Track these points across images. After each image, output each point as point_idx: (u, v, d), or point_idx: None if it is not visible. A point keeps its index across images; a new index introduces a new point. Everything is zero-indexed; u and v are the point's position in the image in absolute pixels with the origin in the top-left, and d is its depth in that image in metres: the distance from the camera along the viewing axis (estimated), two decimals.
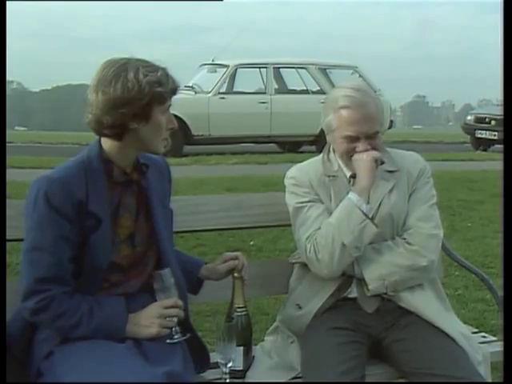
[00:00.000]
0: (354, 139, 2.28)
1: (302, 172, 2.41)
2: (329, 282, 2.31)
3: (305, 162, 2.47)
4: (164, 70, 1.98)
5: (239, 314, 2.20)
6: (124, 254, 2.04)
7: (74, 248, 1.93)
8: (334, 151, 2.42)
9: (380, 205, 2.31)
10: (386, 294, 2.27)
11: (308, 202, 2.35)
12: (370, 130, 2.27)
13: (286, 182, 2.44)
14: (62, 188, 1.91)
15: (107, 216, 1.98)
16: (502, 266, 2.27)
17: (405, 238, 2.30)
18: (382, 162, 2.33)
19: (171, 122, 2.02)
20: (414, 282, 2.29)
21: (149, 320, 1.96)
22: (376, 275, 2.25)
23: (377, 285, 2.25)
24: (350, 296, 2.33)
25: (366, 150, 2.27)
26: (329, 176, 2.37)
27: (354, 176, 2.33)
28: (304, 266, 2.37)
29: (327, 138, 2.40)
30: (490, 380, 2.27)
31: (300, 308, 2.35)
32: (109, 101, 1.90)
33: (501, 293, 2.37)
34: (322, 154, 2.45)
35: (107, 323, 1.92)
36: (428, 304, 2.29)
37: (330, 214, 2.30)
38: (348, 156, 2.32)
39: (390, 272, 2.25)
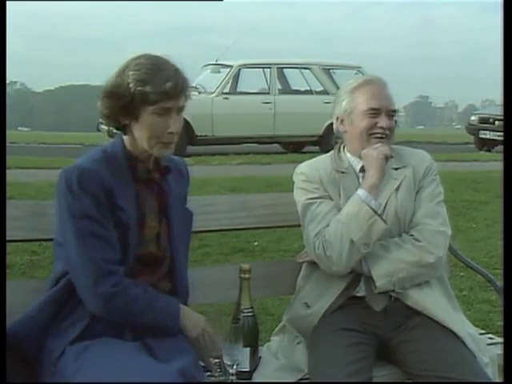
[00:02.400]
0: (375, 113, 2.30)
1: (311, 168, 2.40)
2: (337, 281, 2.30)
3: (314, 159, 2.47)
4: (158, 69, 1.89)
5: (246, 314, 2.19)
6: (151, 251, 2.02)
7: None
8: (344, 148, 2.42)
9: (387, 203, 2.30)
10: (393, 291, 2.26)
11: (318, 198, 2.33)
12: (390, 105, 2.31)
13: (296, 178, 2.42)
14: (95, 178, 1.89)
15: (134, 213, 1.95)
16: (502, 265, 2.26)
17: (412, 235, 2.29)
18: (391, 156, 2.34)
19: (173, 126, 1.93)
20: (421, 278, 2.28)
21: (196, 322, 2.02)
22: (383, 272, 2.24)
23: (384, 282, 2.24)
24: (358, 295, 2.32)
25: (384, 130, 2.29)
26: (338, 172, 2.36)
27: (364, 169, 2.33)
28: (312, 263, 2.36)
29: (340, 128, 2.39)
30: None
31: (308, 307, 2.33)
32: (104, 89, 1.92)
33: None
34: (332, 151, 2.45)
35: (164, 310, 1.96)
36: (436, 303, 2.28)
37: (339, 210, 2.29)
38: (368, 135, 2.31)
39: (398, 269, 2.24)
